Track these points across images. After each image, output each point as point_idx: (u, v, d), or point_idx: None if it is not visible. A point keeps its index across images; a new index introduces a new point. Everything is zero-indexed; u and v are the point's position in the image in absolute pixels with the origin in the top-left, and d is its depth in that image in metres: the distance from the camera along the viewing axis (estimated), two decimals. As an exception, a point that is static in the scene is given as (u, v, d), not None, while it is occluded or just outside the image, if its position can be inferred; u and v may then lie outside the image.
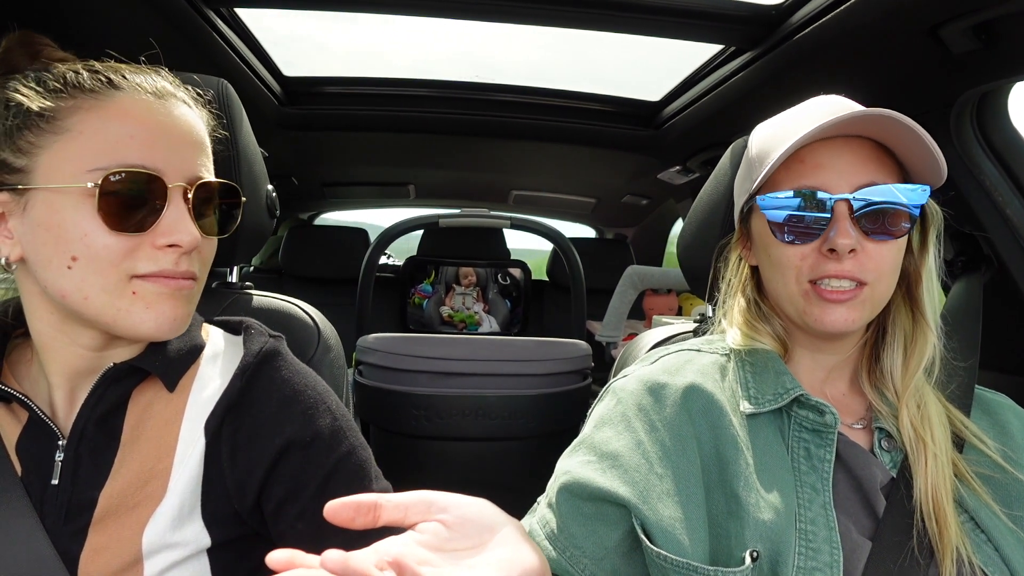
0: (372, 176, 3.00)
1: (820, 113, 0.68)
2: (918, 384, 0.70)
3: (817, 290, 0.66)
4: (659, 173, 2.39)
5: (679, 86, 1.89)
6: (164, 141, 0.61)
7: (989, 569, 0.61)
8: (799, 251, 0.67)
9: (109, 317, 0.59)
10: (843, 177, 0.65)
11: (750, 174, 0.73)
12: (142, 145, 0.59)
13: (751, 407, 0.69)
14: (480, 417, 1.63)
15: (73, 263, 0.58)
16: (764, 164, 0.69)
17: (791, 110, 0.74)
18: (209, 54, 1.47)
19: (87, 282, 0.58)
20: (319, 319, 0.96)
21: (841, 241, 0.63)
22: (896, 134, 0.64)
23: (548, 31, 1.53)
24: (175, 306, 0.61)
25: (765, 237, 0.70)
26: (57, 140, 0.58)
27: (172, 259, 0.60)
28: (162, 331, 0.61)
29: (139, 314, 0.59)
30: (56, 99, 0.59)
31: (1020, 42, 0.93)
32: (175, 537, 0.62)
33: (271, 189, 1.01)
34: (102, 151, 0.58)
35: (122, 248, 0.58)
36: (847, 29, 1.12)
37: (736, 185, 0.81)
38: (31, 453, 0.62)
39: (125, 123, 0.59)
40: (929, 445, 0.65)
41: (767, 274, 0.73)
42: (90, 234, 0.57)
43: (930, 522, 0.62)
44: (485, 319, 3.13)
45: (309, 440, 0.67)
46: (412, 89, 2.09)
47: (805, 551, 0.61)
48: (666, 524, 0.64)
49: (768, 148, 0.71)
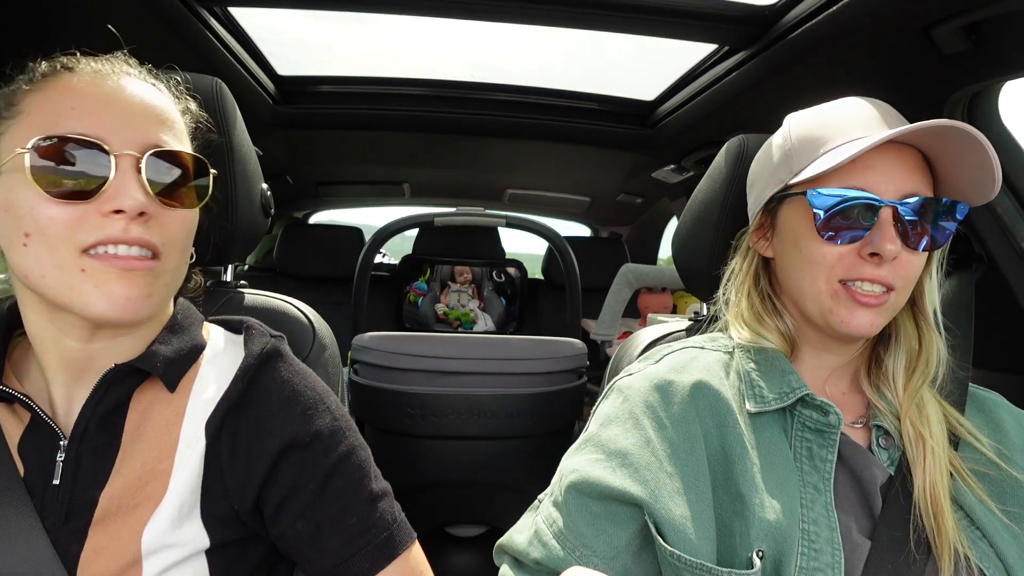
0: (367, 175, 3.00)
1: (871, 115, 0.68)
2: (924, 397, 0.70)
3: (848, 291, 0.66)
4: (653, 172, 2.40)
5: (673, 85, 1.90)
6: (110, 110, 0.60)
7: (985, 565, 0.61)
8: (837, 250, 0.66)
9: (65, 296, 0.58)
10: (892, 183, 0.65)
11: (788, 163, 0.71)
12: (84, 115, 0.59)
13: (756, 406, 0.69)
14: (475, 416, 1.63)
15: (27, 239, 0.57)
16: (811, 156, 0.68)
17: (833, 106, 0.72)
18: (203, 53, 1.47)
19: (41, 259, 0.58)
20: (314, 318, 0.96)
21: (888, 247, 0.63)
22: (951, 150, 0.64)
23: (543, 30, 1.53)
24: (127, 286, 0.59)
25: (799, 231, 0.69)
26: (12, 124, 0.60)
27: (120, 226, 0.58)
28: (114, 311, 0.58)
29: (89, 293, 0.58)
30: (17, 89, 0.61)
31: (1010, 42, 0.94)
32: (174, 537, 0.62)
33: (266, 188, 1.01)
34: (44, 125, 0.58)
35: (68, 218, 0.57)
36: (840, 29, 1.12)
37: (759, 172, 0.79)
38: (33, 453, 0.62)
39: (68, 96, 0.60)
40: (928, 441, 0.66)
41: (790, 268, 0.71)
42: (36, 207, 0.57)
43: (928, 519, 0.63)
44: (480, 317, 3.13)
45: (309, 440, 0.67)
46: (407, 88, 2.09)
47: (808, 551, 0.61)
48: (678, 523, 0.63)
49: (818, 140, 0.69)
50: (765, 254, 0.77)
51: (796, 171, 0.70)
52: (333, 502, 0.66)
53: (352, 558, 0.65)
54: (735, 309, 0.77)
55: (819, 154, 0.68)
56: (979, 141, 0.61)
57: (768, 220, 0.76)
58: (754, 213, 0.78)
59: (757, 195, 0.78)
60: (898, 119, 0.70)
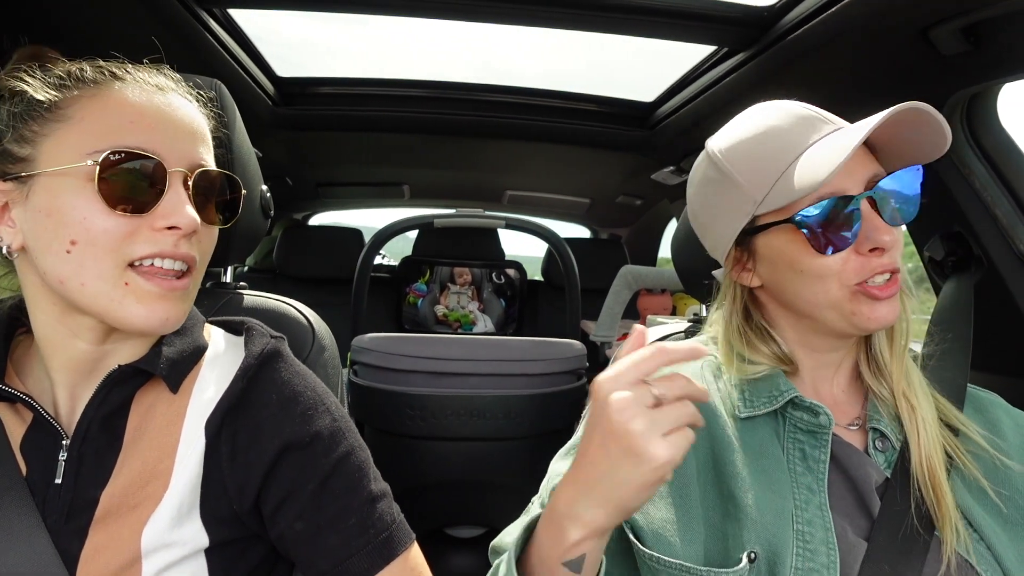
0: (366, 176, 3.00)
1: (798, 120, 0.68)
2: (908, 362, 0.72)
3: (866, 289, 0.66)
4: (653, 174, 2.40)
5: (672, 87, 1.90)
6: (164, 128, 0.62)
7: (981, 567, 0.61)
8: (839, 257, 0.66)
9: (103, 306, 0.59)
10: (853, 177, 0.66)
11: (745, 196, 0.69)
12: (142, 130, 0.60)
13: (746, 410, 0.70)
14: (475, 417, 1.63)
15: (72, 247, 0.58)
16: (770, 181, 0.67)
17: (751, 123, 0.71)
18: (202, 55, 1.47)
19: (84, 267, 0.58)
20: (314, 319, 0.96)
21: (887, 238, 0.64)
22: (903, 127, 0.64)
23: (542, 32, 1.53)
24: (168, 306, 0.61)
25: (792, 252, 0.68)
26: (59, 128, 0.59)
27: (171, 241, 0.60)
28: (152, 327, 0.61)
29: (131, 307, 0.60)
30: (59, 90, 0.60)
31: (1009, 44, 0.94)
32: (173, 537, 0.62)
33: (265, 190, 1.01)
34: (102, 136, 0.59)
35: (121, 231, 0.58)
36: (838, 31, 1.13)
37: (708, 214, 0.76)
38: (35, 452, 0.63)
39: (125, 110, 0.60)
40: (919, 410, 0.68)
41: (795, 288, 0.69)
42: (89, 217, 0.58)
43: (927, 492, 0.64)
44: (480, 318, 3.13)
45: (308, 441, 0.67)
46: (406, 90, 2.09)
47: (802, 552, 0.62)
48: (656, 526, 0.64)
49: (768, 163, 0.68)
50: (751, 285, 0.75)
51: (760, 200, 0.68)
52: (332, 503, 0.66)
53: (351, 559, 0.65)
54: (724, 349, 0.75)
55: (779, 176, 0.67)
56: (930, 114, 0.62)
57: (744, 253, 0.74)
58: (721, 253, 0.76)
59: (717, 236, 0.75)
60: (816, 111, 0.70)
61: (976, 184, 1.12)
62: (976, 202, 1.12)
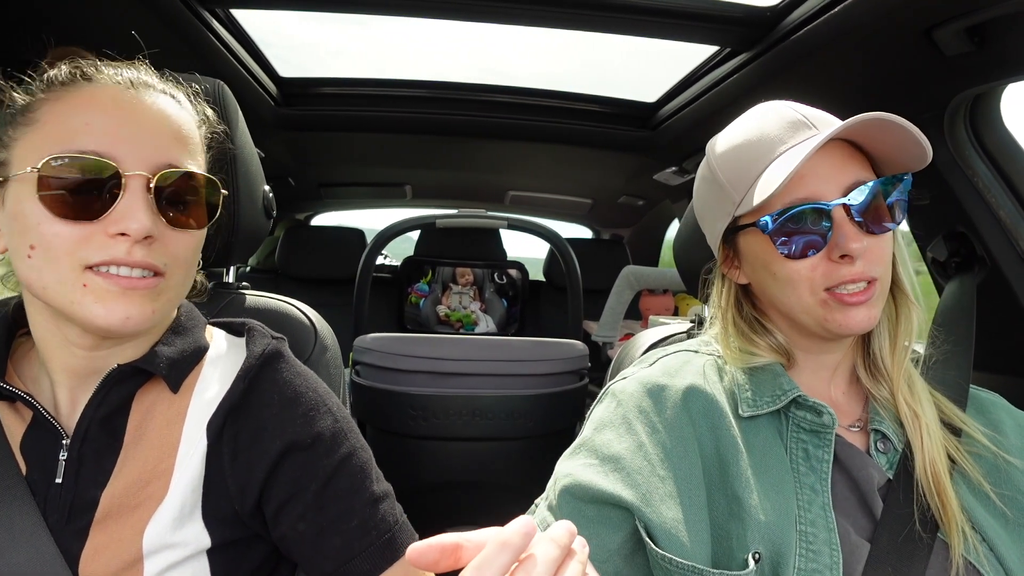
0: (369, 177, 3.01)
1: (786, 123, 0.68)
2: (908, 367, 0.71)
3: (836, 296, 0.66)
4: (655, 174, 2.40)
5: (675, 87, 1.90)
6: (127, 129, 0.59)
7: (985, 570, 0.61)
8: (808, 263, 0.66)
9: (65, 308, 0.58)
10: (831, 182, 0.65)
11: (727, 196, 0.71)
12: (99, 132, 0.58)
13: (749, 409, 0.69)
14: (477, 417, 1.63)
15: (32, 252, 0.57)
16: (747, 184, 0.69)
17: (744, 125, 0.72)
18: (204, 55, 1.47)
19: (43, 272, 0.58)
20: (316, 319, 0.96)
21: (854, 245, 0.63)
22: (873, 132, 0.64)
23: (545, 32, 1.53)
24: (128, 304, 0.58)
25: (765, 256, 0.69)
26: (28, 132, 0.59)
27: (124, 248, 0.57)
28: (112, 326, 0.59)
29: (90, 306, 0.58)
30: (35, 93, 0.60)
31: (1013, 44, 0.94)
32: (175, 537, 0.62)
33: (268, 190, 1.01)
34: (59, 139, 0.58)
35: (73, 237, 0.57)
36: (841, 31, 1.12)
37: (703, 209, 0.79)
38: (35, 452, 0.63)
39: (85, 111, 0.59)
40: (922, 416, 0.67)
41: (772, 290, 0.71)
42: (42, 223, 0.57)
43: (932, 497, 0.63)
44: (482, 318, 3.13)
45: (310, 442, 0.67)
46: (409, 90, 2.09)
47: (805, 552, 0.61)
48: (669, 526, 0.64)
49: (746, 166, 0.69)
50: (739, 281, 0.77)
51: (739, 202, 0.70)
52: (335, 504, 0.66)
53: (354, 560, 0.65)
54: (723, 340, 0.77)
55: (753, 179, 0.68)
56: (897, 123, 0.62)
57: (730, 251, 0.76)
58: (715, 247, 0.78)
59: (710, 231, 0.78)
60: (812, 114, 0.70)
61: (979, 185, 1.11)
62: (979, 203, 1.11)
